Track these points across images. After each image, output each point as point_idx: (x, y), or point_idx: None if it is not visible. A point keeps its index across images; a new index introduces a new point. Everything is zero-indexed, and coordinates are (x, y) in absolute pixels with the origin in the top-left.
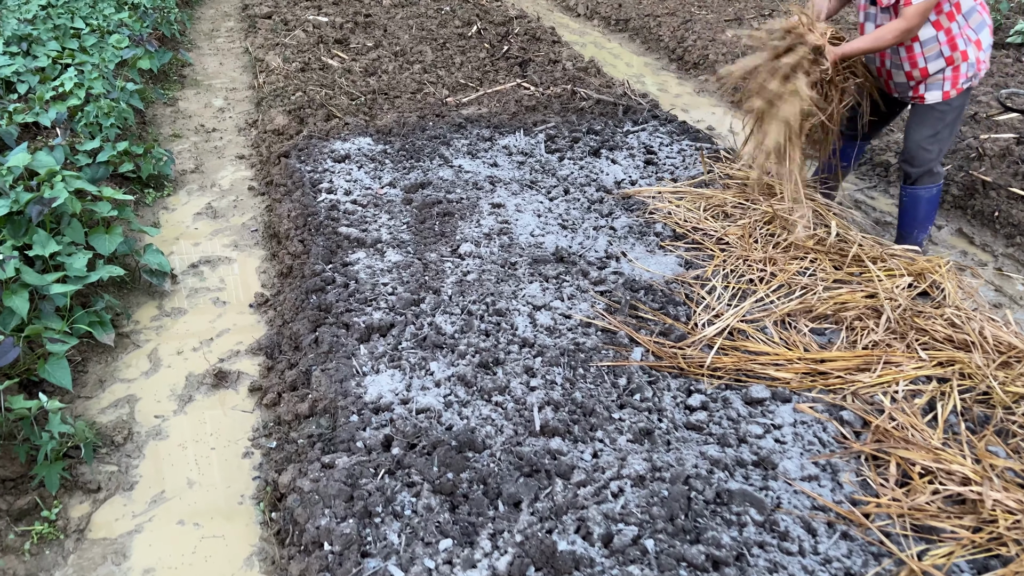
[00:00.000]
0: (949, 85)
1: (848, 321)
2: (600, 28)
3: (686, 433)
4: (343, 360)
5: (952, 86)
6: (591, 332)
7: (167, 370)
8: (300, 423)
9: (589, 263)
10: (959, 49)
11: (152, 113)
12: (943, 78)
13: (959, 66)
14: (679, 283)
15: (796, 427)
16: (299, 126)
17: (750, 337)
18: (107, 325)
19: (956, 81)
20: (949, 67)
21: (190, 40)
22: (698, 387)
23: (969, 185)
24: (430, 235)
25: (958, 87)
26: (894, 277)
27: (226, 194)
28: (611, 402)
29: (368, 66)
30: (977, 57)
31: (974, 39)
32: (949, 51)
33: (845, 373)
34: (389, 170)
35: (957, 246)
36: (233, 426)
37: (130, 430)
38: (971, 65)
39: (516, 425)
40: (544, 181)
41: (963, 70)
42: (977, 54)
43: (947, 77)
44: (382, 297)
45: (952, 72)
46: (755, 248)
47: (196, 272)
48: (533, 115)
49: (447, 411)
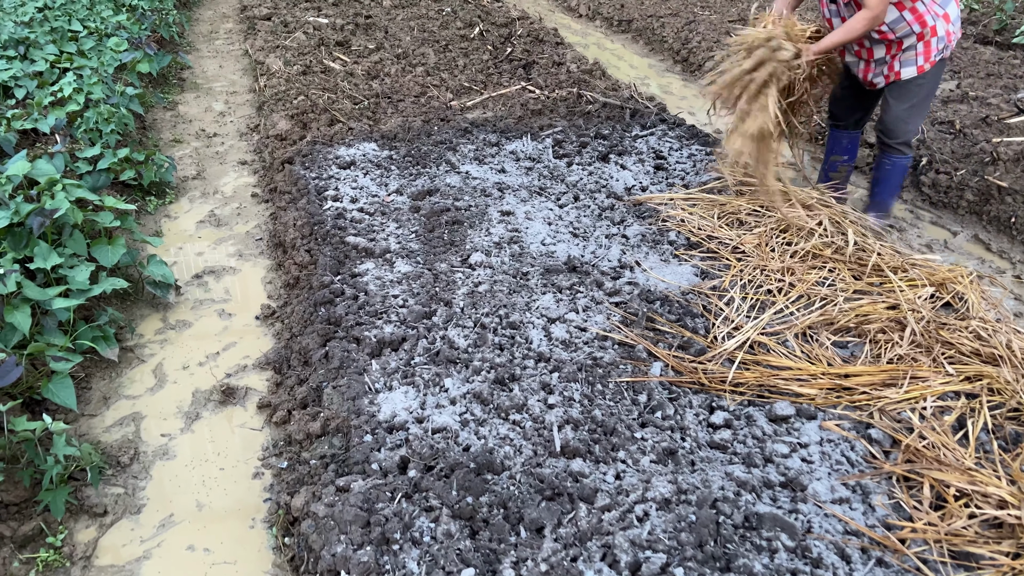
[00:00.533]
0: (923, 59)
1: (871, 334)
2: (602, 29)
3: (710, 453)
4: (355, 376)
5: (925, 60)
6: (608, 346)
7: (173, 386)
8: (312, 443)
9: (603, 273)
10: (928, 25)
11: (152, 118)
12: (916, 53)
13: (929, 41)
14: (696, 294)
15: (823, 446)
16: (302, 131)
17: (771, 351)
18: (111, 340)
19: (928, 55)
20: (920, 42)
21: (189, 42)
22: (720, 404)
23: (984, 190)
24: (439, 244)
25: (931, 60)
26: (916, 287)
27: (229, 201)
28: (632, 420)
29: (370, 69)
30: (947, 30)
31: (941, 13)
32: (919, 27)
33: (871, 388)
34: (395, 177)
35: (974, 253)
36: (242, 445)
37: (136, 450)
38: (941, 39)
39: (535, 445)
40: (553, 187)
41: (934, 44)
42: (947, 27)
43: (919, 52)
44: (393, 310)
45: (923, 47)
46: (772, 257)
47: (200, 283)
48: (539, 119)
49: (464, 430)
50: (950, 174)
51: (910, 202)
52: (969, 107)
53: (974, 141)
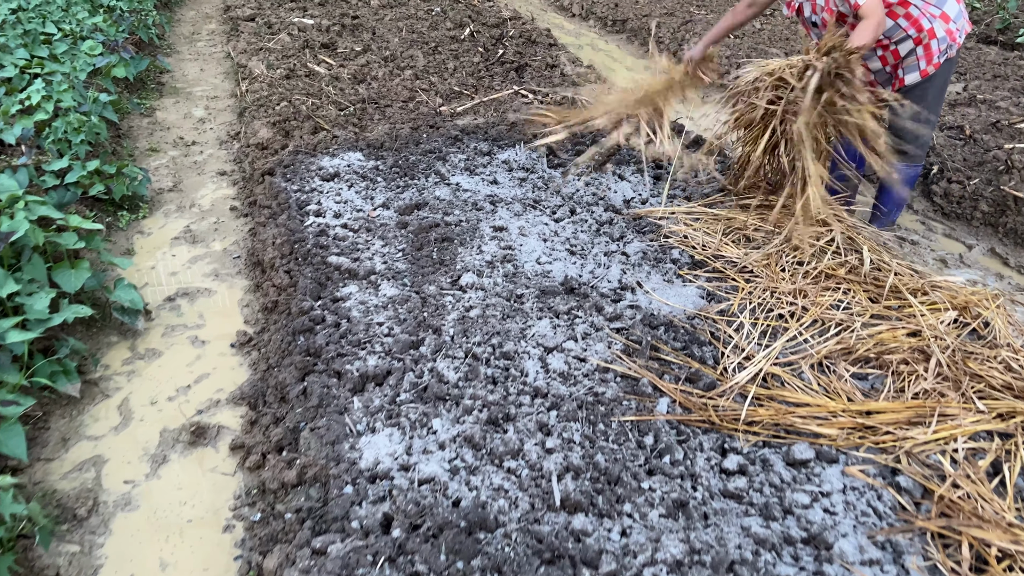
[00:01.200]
0: (924, 63)
1: (893, 365)
2: (596, 29)
3: (724, 503)
4: (335, 416)
5: (928, 63)
6: (610, 379)
7: (139, 424)
8: (287, 493)
9: (602, 295)
10: (924, 29)
11: (127, 125)
12: (916, 58)
13: (929, 44)
14: (702, 318)
15: (846, 494)
16: (284, 139)
17: (786, 384)
18: (72, 374)
19: (930, 58)
20: (919, 47)
21: (169, 44)
22: (733, 445)
23: (1000, 201)
24: (428, 264)
25: (934, 63)
26: (938, 311)
27: (206, 215)
28: (638, 467)
29: (357, 72)
30: (947, 29)
31: (938, 13)
32: (915, 32)
33: (895, 428)
34: (382, 189)
35: (991, 268)
36: (212, 493)
37: (96, 500)
38: (942, 39)
39: (533, 497)
40: (548, 200)
41: (934, 46)
42: (946, 27)
43: (920, 56)
44: (377, 339)
45: (924, 50)
46: (783, 278)
47: (173, 306)
48: (532, 125)
49: (453, 480)
50: (963, 183)
51: (921, 213)
52: (978, 111)
53: (986, 147)
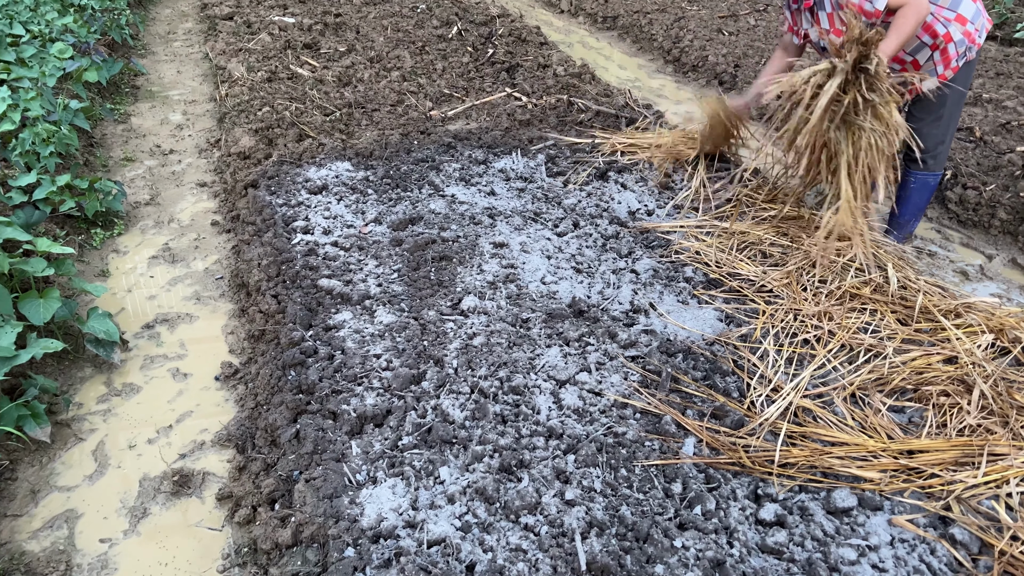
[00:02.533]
0: (942, 68)
1: (933, 397)
2: (586, 26)
3: (764, 561)
4: (331, 465)
5: (946, 68)
6: (629, 415)
7: (116, 472)
8: (282, 555)
9: (614, 319)
10: (940, 34)
11: (101, 133)
12: (934, 63)
13: (946, 48)
14: (723, 344)
15: (895, 548)
16: (268, 148)
17: (819, 419)
18: (41, 416)
19: (948, 63)
20: (936, 52)
21: (144, 45)
22: (767, 491)
23: (1019, 208)
24: (426, 285)
25: (952, 67)
26: (974, 335)
27: (186, 231)
28: (668, 521)
29: (342, 74)
30: (965, 31)
31: (953, 17)
32: (930, 39)
33: (941, 469)
34: (373, 202)
35: (1014, 280)
36: (198, 551)
37: (69, 563)
38: (959, 43)
39: (555, 559)
40: (549, 212)
41: (951, 50)
42: (963, 29)
43: (938, 62)
44: (375, 373)
45: (940, 55)
46: (805, 298)
47: (152, 334)
48: (528, 130)
49: (466, 541)
50: (979, 189)
51: (936, 220)
52: (984, 111)
53: (998, 151)
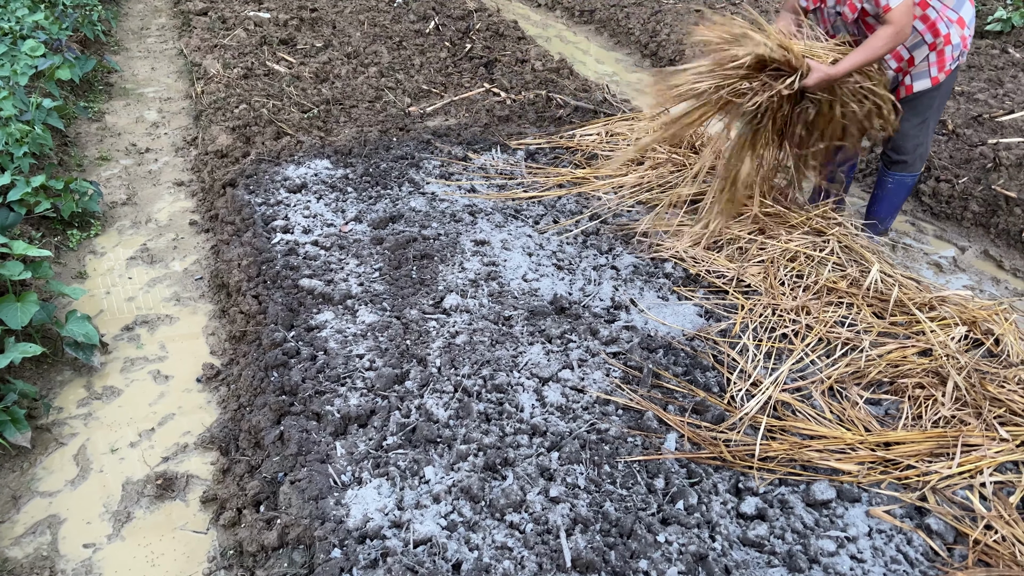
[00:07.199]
0: (936, 70)
1: (908, 389)
2: (563, 20)
3: (746, 553)
4: (316, 466)
5: (939, 70)
6: (611, 411)
7: (99, 476)
8: (268, 557)
9: (595, 315)
10: (942, 34)
11: (75, 132)
12: (929, 64)
13: (943, 50)
14: (703, 340)
15: (873, 538)
16: (245, 146)
17: (798, 413)
18: (21, 422)
19: (942, 65)
20: (933, 52)
21: (117, 41)
22: (748, 484)
23: (991, 201)
24: (407, 284)
25: (945, 70)
26: (947, 327)
27: (164, 231)
28: (651, 516)
29: (319, 71)
30: (962, 35)
31: (955, 18)
32: (932, 37)
33: (917, 460)
34: (353, 200)
35: (985, 271)
36: (183, 554)
37: (52, 569)
38: (956, 47)
39: (540, 556)
40: (530, 209)
41: (948, 53)
42: (961, 32)
43: (933, 63)
44: (358, 373)
45: (937, 57)
46: (783, 293)
47: (131, 336)
48: (507, 126)
49: (452, 539)
50: (951, 182)
51: (910, 213)
52: (957, 104)
53: (971, 143)
